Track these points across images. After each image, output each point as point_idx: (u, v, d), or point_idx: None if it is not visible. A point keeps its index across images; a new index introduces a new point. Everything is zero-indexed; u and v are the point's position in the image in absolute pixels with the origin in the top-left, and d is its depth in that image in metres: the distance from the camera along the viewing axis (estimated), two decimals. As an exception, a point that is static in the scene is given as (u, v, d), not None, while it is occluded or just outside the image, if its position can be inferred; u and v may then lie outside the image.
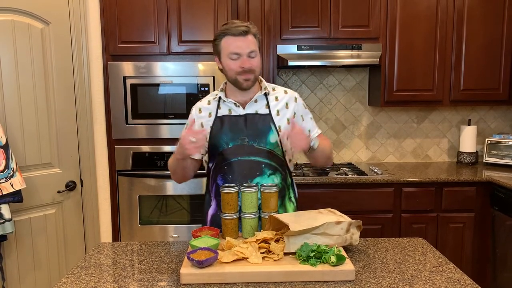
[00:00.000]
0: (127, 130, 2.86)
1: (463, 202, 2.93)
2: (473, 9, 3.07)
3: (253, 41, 1.71)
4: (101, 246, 1.73)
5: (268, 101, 1.80)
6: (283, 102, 1.81)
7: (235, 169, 1.74)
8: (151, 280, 1.40)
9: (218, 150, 1.76)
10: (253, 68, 1.70)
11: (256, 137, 1.74)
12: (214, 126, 1.78)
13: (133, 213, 2.90)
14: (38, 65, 2.41)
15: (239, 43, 1.68)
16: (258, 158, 1.74)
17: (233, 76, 1.72)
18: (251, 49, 1.69)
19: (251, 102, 1.78)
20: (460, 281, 1.38)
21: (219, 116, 1.78)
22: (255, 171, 1.73)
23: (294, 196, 1.88)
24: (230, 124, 1.76)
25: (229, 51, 1.69)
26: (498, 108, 3.53)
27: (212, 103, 1.83)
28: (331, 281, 1.36)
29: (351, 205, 2.88)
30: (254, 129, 1.74)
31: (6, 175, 2.10)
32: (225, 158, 1.75)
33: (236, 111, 1.78)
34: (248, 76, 1.71)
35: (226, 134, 1.75)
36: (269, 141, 1.75)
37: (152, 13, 2.80)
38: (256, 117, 1.76)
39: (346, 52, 3.03)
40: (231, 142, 1.74)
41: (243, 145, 1.74)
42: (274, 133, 1.75)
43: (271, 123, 1.76)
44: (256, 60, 1.72)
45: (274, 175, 1.76)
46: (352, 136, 3.54)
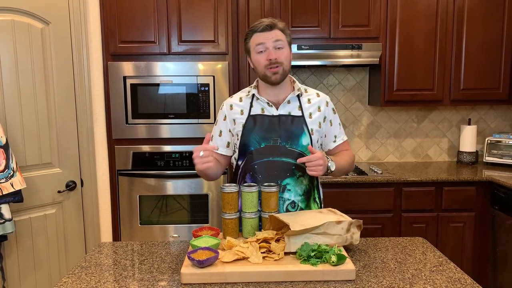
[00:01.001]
0: (127, 130, 2.86)
1: (463, 201, 2.93)
2: (473, 9, 3.07)
3: (280, 34, 1.71)
4: (101, 246, 1.73)
5: (301, 103, 1.79)
6: (315, 105, 1.81)
7: (266, 169, 1.74)
8: (151, 280, 1.40)
9: (249, 148, 1.76)
10: (280, 60, 1.69)
11: (289, 139, 1.74)
12: (246, 124, 1.77)
13: (133, 213, 2.91)
14: (38, 65, 2.41)
15: (265, 36, 1.70)
16: (289, 159, 1.74)
17: (262, 70, 1.72)
18: (276, 39, 1.69)
19: (284, 103, 1.77)
20: (460, 281, 1.38)
21: (252, 115, 1.78)
22: (285, 172, 1.73)
23: (319, 197, 1.87)
24: (264, 123, 1.75)
25: (255, 44, 1.71)
26: (498, 108, 3.53)
27: (244, 100, 1.82)
28: (332, 280, 1.36)
29: (351, 204, 2.88)
30: (288, 131, 1.74)
31: (6, 175, 2.10)
32: (256, 157, 1.75)
33: (269, 111, 1.77)
34: (275, 69, 1.70)
35: (259, 134, 1.74)
36: (301, 143, 1.75)
37: (152, 13, 2.80)
38: (290, 119, 1.76)
39: (346, 52, 3.03)
40: (264, 142, 1.74)
41: (276, 146, 1.73)
42: (307, 136, 1.75)
43: (304, 126, 1.76)
44: (284, 52, 1.71)
45: (303, 176, 1.76)
46: (352, 135, 3.54)
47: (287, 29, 1.77)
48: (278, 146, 1.73)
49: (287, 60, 1.73)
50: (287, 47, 1.73)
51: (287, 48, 1.73)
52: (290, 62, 1.76)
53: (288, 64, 1.74)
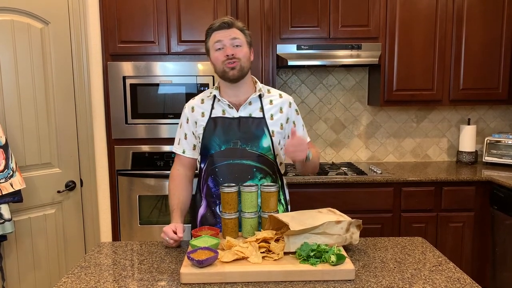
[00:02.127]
0: (126, 130, 2.86)
1: (462, 201, 2.94)
2: (473, 9, 3.08)
3: (238, 32, 1.72)
4: (101, 246, 1.73)
5: (262, 104, 1.78)
6: (277, 106, 1.80)
7: (226, 172, 1.73)
8: (151, 280, 1.40)
9: (209, 152, 1.76)
10: (237, 56, 1.69)
11: (249, 141, 1.73)
12: (207, 126, 1.76)
13: (133, 213, 2.91)
14: (38, 65, 2.41)
15: (223, 33, 1.70)
16: (249, 161, 1.73)
17: (220, 67, 1.72)
18: (233, 36, 1.69)
19: (245, 104, 1.76)
20: (460, 280, 1.38)
21: (212, 117, 1.77)
22: (246, 175, 1.73)
23: (284, 198, 1.87)
24: (223, 126, 1.74)
25: (214, 41, 1.71)
26: (498, 108, 3.54)
27: (205, 102, 1.82)
28: (331, 280, 1.37)
29: (350, 204, 2.88)
30: (248, 133, 1.73)
31: (5, 175, 2.10)
32: (216, 160, 1.74)
33: (229, 113, 1.76)
34: (233, 65, 1.69)
35: (219, 137, 1.74)
36: (262, 145, 1.74)
37: (151, 13, 2.80)
38: (250, 121, 1.75)
39: (345, 52, 3.03)
40: (224, 145, 1.74)
41: (236, 148, 1.73)
42: (267, 138, 1.74)
43: (265, 127, 1.75)
44: (241, 50, 1.71)
45: (265, 178, 1.76)
46: (352, 135, 3.54)
47: (247, 30, 1.77)
48: (238, 149, 1.73)
49: (245, 58, 1.72)
50: (245, 46, 1.73)
51: (245, 46, 1.73)
52: (249, 61, 1.75)
53: (247, 62, 1.73)
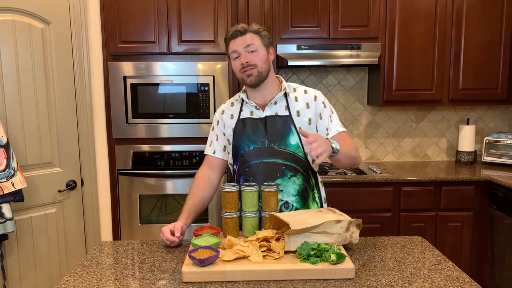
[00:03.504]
0: (127, 130, 2.87)
1: (461, 201, 2.95)
2: (472, 9, 3.09)
3: (253, 37, 1.72)
4: (102, 245, 1.74)
5: (288, 102, 1.79)
6: (303, 103, 1.80)
7: (256, 171, 1.75)
8: (152, 279, 1.41)
9: (239, 152, 1.79)
10: (252, 63, 1.70)
11: (276, 139, 1.75)
12: (236, 128, 1.80)
13: (133, 212, 2.91)
14: (39, 65, 2.41)
15: (236, 42, 1.72)
16: (278, 160, 1.74)
17: (239, 75, 1.75)
18: (246, 44, 1.70)
19: (270, 104, 1.78)
20: (459, 279, 1.39)
21: (241, 119, 1.80)
22: (275, 173, 1.74)
23: (319, 196, 1.86)
24: (251, 126, 1.77)
25: (230, 52, 1.75)
26: (497, 108, 3.55)
27: (235, 105, 1.85)
28: (331, 279, 1.38)
29: (350, 204, 2.89)
30: (274, 132, 1.75)
31: (7, 175, 2.11)
32: (246, 160, 1.77)
33: (256, 114, 1.79)
34: (249, 72, 1.71)
35: (248, 137, 1.77)
36: (290, 142, 1.75)
37: (152, 13, 2.81)
38: (276, 119, 1.76)
39: (345, 52, 3.04)
40: (252, 145, 1.76)
41: (263, 147, 1.75)
42: (295, 135, 1.75)
43: (291, 125, 1.76)
44: (257, 55, 1.71)
45: (295, 176, 1.76)
46: (351, 135, 3.55)
47: (263, 31, 1.76)
48: (266, 148, 1.75)
49: (262, 61, 1.72)
50: (262, 49, 1.73)
51: (262, 50, 1.73)
52: (268, 62, 1.75)
53: (264, 65, 1.73)
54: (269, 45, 1.78)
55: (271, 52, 1.78)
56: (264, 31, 1.77)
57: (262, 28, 1.77)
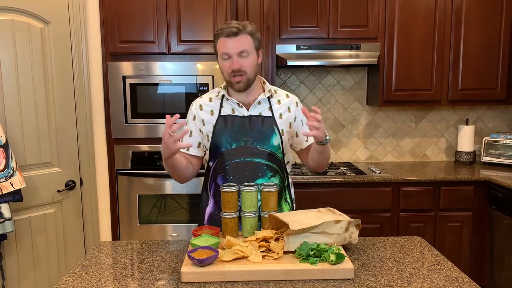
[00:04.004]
0: (126, 130, 2.87)
1: (461, 201, 2.95)
2: (471, 9, 3.09)
3: (246, 40, 1.68)
4: (101, 245, 1.73)
5: (271, 104, 1.80)
6: (285, 106, 1.81)
7: (237, 169, 1.74)
8: (152, 279, 1.41)
9: (220, 150, 1.76)
10: (243, 69, 1.68)
11: (260, 139, 1.75)
12: (217, 125, 1.77)
13: (133, 212, 2.91)
14: (38, 64, 2.41)
15: (229, 44, 1.67)
16: (260, 159, 1.75)
17: (226, 77, 1.73)
18: (240, 49, 1.67)
19: (254, 104, 1.77)
20: (458, 279, 1.39)
21: (222, 115, 1.78)
22: (257, 173, 1.74)
23: (290, 197, 1.88)
24: (234, 124, 1.75)
25: (221, 52, 1.71)
26: (496, 108, 3.55)
27: (214, 101, 1.82)
28: (331, 279, 1.38)
29: (349, 204, 2.89)
30: (259, 131, 1.74)
31: (6, 174, 2.11)
32: (227, 158, 1.75)
33: (239, 112, 1.77)
34: (238, 79, 1.69)
35: (230, 135, 1.75)
36: (272, 143, 1.76)
37: (151, 12, 2.81)
38: (261, 119, 1.76)
39: (344, 52, 3.04)
40: (235, 143, 1.74)
41: (247, 147, 1.74)
42: (277, 136, 1.76)
43: (274, 126, 1.77)
44: (248, 60, 1.69)
45: (274, 176, 1.77)
46: (351, 135, 3.55)
47: (257, 32, 1.73)
48: (249, 147, 1.74)
49: (252, 68, 1.71)
50: (253, 54, 1.71)
51: (253, 54, 1.71)
52: (257, 67, 1.74)
53: (253, 72, 1.72)
54: (260, 47, 1.76)
55: (259, 55, 1.77)
56: (257, 32, 1.74)
57: (256, 29, 1.74)
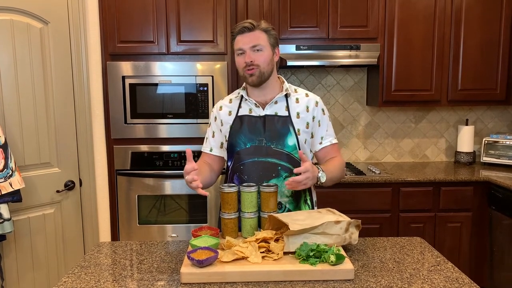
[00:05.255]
0: (126, 130, 2.86)
1: (460, 201, 2.95)
2: (471, 10, 3.09)
3: (260, 36, 1.71)
4: (101, 246, 1.73)
5: (288, 103, 1.79)
6: (303, 105, 1.80)
7: (251, 169, 1.74)
8: (151, 280, 1.41)
9: (235, 149, 1.77)
10: (255, 63, 1.69)
11: (274, 139, 1.74)
12: (233, 125, 1.79)
13: (132, 212, 2.91)
14: (37, 64, 2.41)
15: (243, 39, 1.71)
16: (275, 160, 1.74)
17: (241, 72, 1.74)
18: (253, 44, 1.70)
19: (271, 103, 1.77)
20: (458, 280, 1.39)
21: (239, 116, 1.79)
22: (271, 173, 1.73)
23: (310, 199, 1.86)
24: (249, 124, 1.76)
25: (236, 48, 1.74)
26: (496, 108, 3.55)
27: (233, 102, 1.84)
28: (331, 280, 1.37)
29: (349, 204, 2.89)
30: (273, 131, 1.74)
31: (5, 175, 2.10)
32: (242, 158, 1.76)
33: (256, 112, 1.78)
34: (251, 71, 1.70)
35: (245, 134, 1.75)
36: (287, 143, 1.74)
37: (151, 12, 2.80)
38: (275, 119, 1.76)
39: (344, 52, 3.04)
40: (249, 143, 1.75)
41: (261, 146, 1.74)
42: (293, 136, 1.75)
43: (290, 126, 1.75)
44: (262, 54, 1.70)
45: (290, 177, 1.75)
46: (350, 136, 3.55)
47: (272, 30, 1.75)
48: (263, 147, 1.74)
49: (265, 63, 1.71)
50: (267, 49, 1.72)
51: (267, 50, 1.72)
52: (272, 63, 1.75)
53: (267, 66, 1.72)
54: (275, 45, 1.77)
55: (276, 53, 1.78)
56: (272, 30, 1.76)
57: (271, 27, 1.76)
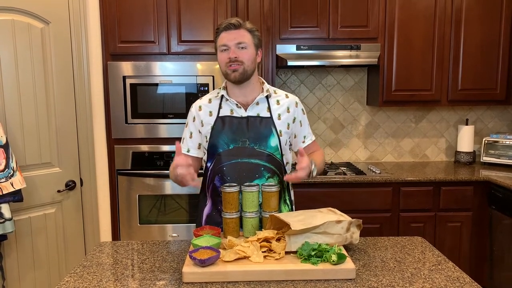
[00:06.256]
0: (126, 130, 2.86)
1: (460, 201, 2.95)
2: (471, 10, 3.09)
3: (245, 34, 1.72)
4: (102, 245, 1.73)
5: (270, 104, 1.80)
6: (284, 106, 1.81)
7: (234, 170, 1.74)
8: (153, 279, 1.41)
9: (217, 150, 1.76)
10: (239, 59, 1.70)
11: (257, 140, 1.74)
12: (215, 125, 1.77)
13: (133, 212, 2.91)
14: (38, 64, 2.41)
15: (228, 36, 1.71)
16: (257, 160, 1.74)
17: (223, 68, 1.74)
18: (238, 41, 1.70)
19: (252, 104, 1.77)
20: (459, 279, 1.39)
21: (220, 116, 1.78)
22: (254, 174, 1.74)
23: (289, 198, 1.88)
24: (232, 125, 1.75)
25: (219, 44, 1.73)
26: (495, 108, 3.56)
27: (213, 102, 1.82)
28: (332, 279, 1.38)
29: (349, 204, 2.89)
30: (256, 132, 1.74)
31: (6, 175, 2.11)
32: (224, 159, 1.75)
33: (237, 112, 1.78)
34: (235, 67, 1.70)
35: (227, 135, 1.75)
36: (270, 144, 1.75)
37: (151, 12, 2.81)
38: (258, 120, 1.76)
39: (344, 52, 3.04)
40: (232, 144, 1.74)
41: (244, 147, 1.74)
42: (275, 137, 1.76)
43: (272, 127, 1.76)
44: (246, 52, 1.71)
45: (272, 178, 1.76)
46: (351, 135, 3.55)
47: (256, 31, 1.76)
48: (247, 148, 1.74)
49: (249, 61, 1.72)
50: (251, 48, 1.73)
51: (251, 48, 1.73)
52: (254, 63, 1.76)
53: (251, 65, 1.73)
54: (259, 46, 1.78)
55: (259, 54, 1.78)
56: (256, 31, 1.77)
57: (255, 28, 1.77)
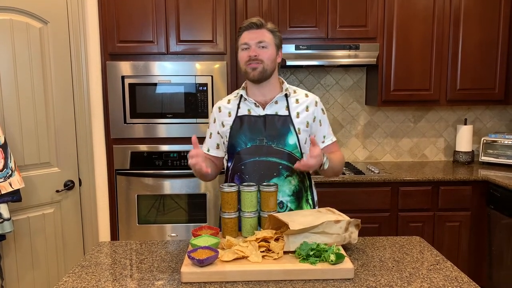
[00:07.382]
0: (125, 130, 2.86)
1: (459, 201, 2.96)
2: (470, 9, 3.10)
3: (266, 34, 1.74)
4: (101, 245, 1.73)
5: (288, 103, 1.80)
6: (303, 105, 1.81)
7: (252, 169, 1.74)
8: (151, 279, 1.41)
9: (236, 149, 1.78)
10: (259, 58, 1.71)
11: (274, 138, 1.75)
12: (233, 125, 1.79)
13: (131, 212, 2.91)
14: (37, 64, 2.41)
15: (250, 35, 1.73)
16: (275, 159, 1.74)
17: (243, 66, 1.75)
18: (259, 40, 1.72)
19: (271, 103, 1.78)
20: (457, 279, 1.39)
21: (239, 116, 1.79)
22: (272, 172, 1.74)
23: (312, 198, 1.87)
24: (249, 124, 1.76)
25: (241, 43, 1.76)
26: (494, 108, 3.56)
27: (232, 102, 1.84)
28: (331, 279, 1.38)
29: (348, 204, 2.90)
30: (273, 130, 1.75)
31: (5, 175, 2.10)
32: (242, 158, 1.76)
33: (255, 111, 1.78)
34: (254, 65, 1.71)
35: (245, 134, 1.76)
36: (288, 142, 1.75)
37: (150, 12, 2.80)
38: (276, 118, 1.76)
39: (343, 52, 3.04)
40: (250, 142, 1.75)
41: (262, 146, 1.74)
42: (293, 135, 1.76)
43: (291, 125, 1.76)
44: (266, 52, 1.72)
45: (291, 176, 1.76)
46: (350, 135, 3.55)
47: (277, 32, 1.78)
48: (264, 146, 1.74)
49: (269, 60, 1.73)
50: (272, 48, 1.75)
51: (271, 48, 1.74)
52: (275, 62, 1.77)
53: (270, 64, 1.74)
54: (280, 46, 1.80)
55: (279, 54, 1.80)
56: (278, 32, 1.79)
57: (277, 29, 1.80)
